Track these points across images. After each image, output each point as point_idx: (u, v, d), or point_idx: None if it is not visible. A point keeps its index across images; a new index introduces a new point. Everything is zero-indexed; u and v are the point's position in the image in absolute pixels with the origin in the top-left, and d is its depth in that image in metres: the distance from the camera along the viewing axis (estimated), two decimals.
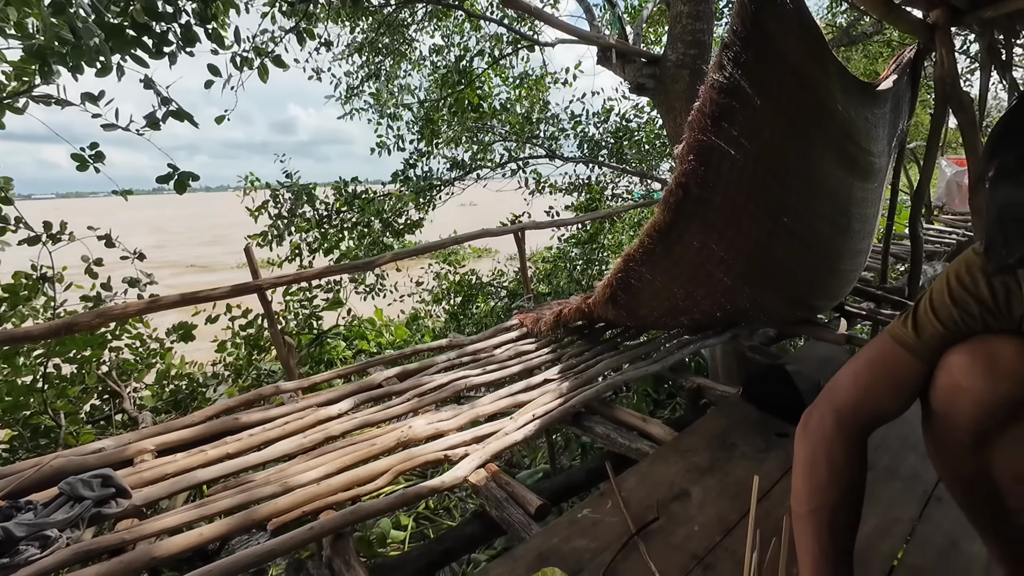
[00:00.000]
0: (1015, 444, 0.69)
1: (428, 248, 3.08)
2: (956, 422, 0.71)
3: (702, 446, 1.51)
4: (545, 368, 2.17)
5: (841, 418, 0.78)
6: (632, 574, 1.07)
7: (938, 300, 0.72)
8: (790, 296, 2.21)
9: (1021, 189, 0.46)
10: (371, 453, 1.53)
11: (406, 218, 5.96)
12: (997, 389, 0.66)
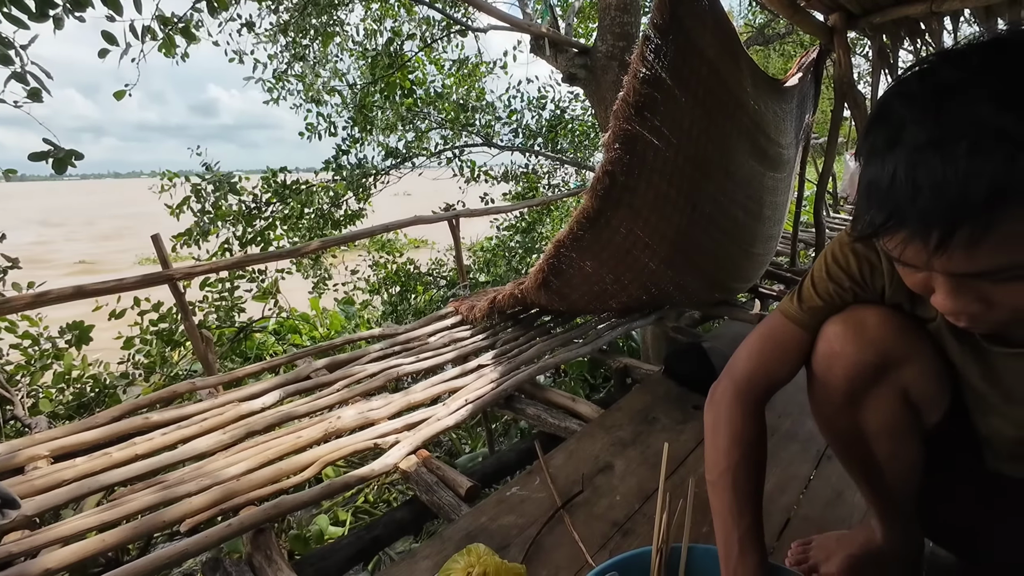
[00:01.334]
0: (879, 402, 0.77)
1: (358, 235, 2.99)
2: (832, 384, 0.78)
3: (626, 421, 1.58)
4: (479, 354, 2.18)
5: (739, 388, 0.84)
6: (556, 545, 1.11)
7: (817, 277, 0.79)
8: (709, 279, 2.35)
9: (886, 167, 0.50)
10: (296, 446, 1.48)
11: (346, 208, 5.75)
12: (864, 353, 0.74)
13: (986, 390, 0.72)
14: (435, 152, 5.76)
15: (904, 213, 0.48)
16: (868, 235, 0.52)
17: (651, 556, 0.83)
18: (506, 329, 2.46)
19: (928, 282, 0.55)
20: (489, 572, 0.85)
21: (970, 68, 0.47)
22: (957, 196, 0.45)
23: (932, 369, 0.74)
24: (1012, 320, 0.54)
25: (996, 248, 0.46)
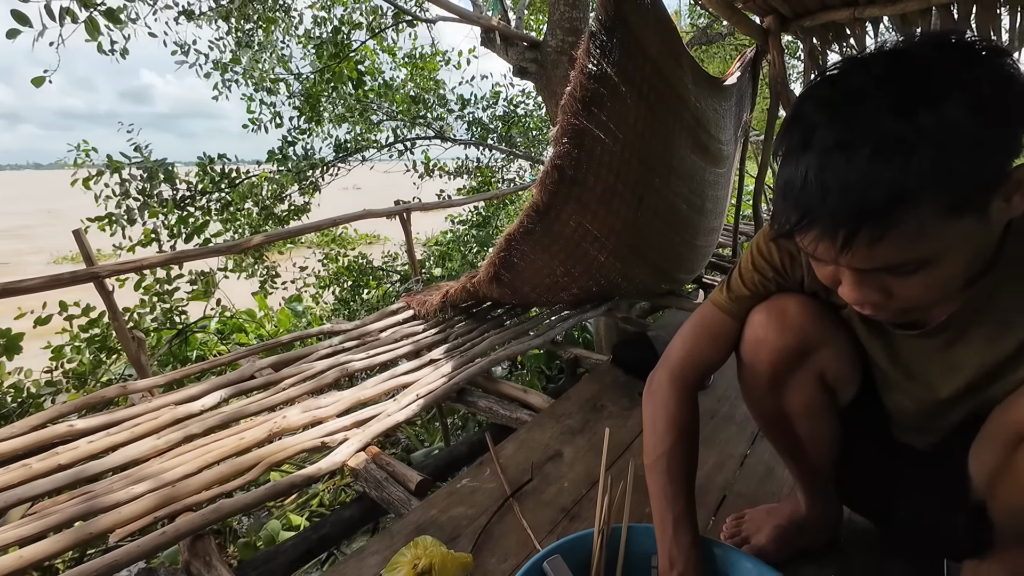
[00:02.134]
0: (800, 384, 0.83)
1: (305, 229, 2.89)
2: (759, 369, 0.84)
3: (575, 410, 1.62)
4: (432, 348, 2.16)
5: (673, 375, 0.88)
6: (506, 533, 1.13)
7: (744, 268, 0.85)
8: (656, 270, 2.43)
9: (799, 168, 0.53)
10: (239, 448, 1.43)
11: (289, 202, 5.53)
12: (786, 339, 0.79)
13: (890, 369, 0.78)
14: (386, 145, 5.63)
15: (815, 213, 0.52)
16: (785, 234, 0.56)
17: (593, 537, 0.86)
18: (459, 323, 2.45)
19: (836, 275, 0.60)
20: (435, 563, 0.85)
21: (873, 76, 0.51)
22: (860, 198, 0.49)
23: (845, 352, 0.80)
24: (909, 308, 0.60)
25: (894, 246, 0.51)
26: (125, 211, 4.30)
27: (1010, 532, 0.72)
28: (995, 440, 0.70)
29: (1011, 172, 0.51)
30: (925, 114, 0.47)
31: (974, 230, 0.52)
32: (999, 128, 0.49)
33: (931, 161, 0.47)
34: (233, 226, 5.02)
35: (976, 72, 0.49)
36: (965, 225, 0.51)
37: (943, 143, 0.47)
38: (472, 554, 1.05)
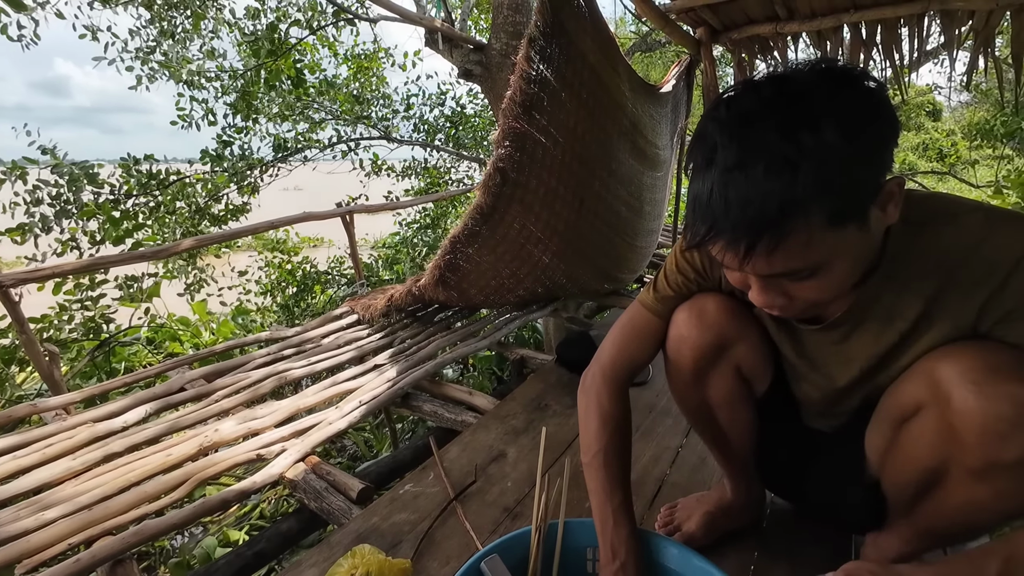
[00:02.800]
0: (719, 377, 0.89)
1: (240, 233, 2.75)
2: (681, 364, 0.89)
3: (520, 410, 1.64)
4: (377, 353, 2.13)
5: (605, 373, 0.92)
6: (448, 536, 1.13)
7: (669, 270, 0.90)
8: (598, 270, 2.50)
9: (705, 183, 0.58)
10: (165, 465, 1.35)
11: (227, 203, 5.24)
12: (706, 336, 0.85)
13: (797, 361, 0.85)
14: (329, 145, 5.46)
15: (720, 225, 0.56)
16: (696, 244, 0.60)
17: (530, 535, 0.88)
18: (405, 327, 2.42)
19: (745, 280, 0.66)
20: (372, 571, 0.84)
21: (761, 99, 0.56)
22: (757, 211, 0.54)
23: (759, 347, 0.86)
24: (808, 307, 0.67)
25: (789, 254, 0.56)
26: (40, 219, 3.94)
27: (900, 505, 0.80)
28: (884, 422, 0.78)
29: (884, 183, 0.57)
30: (806, 135, 0.53)
31: (856, 238, 0.58)
32: (869, 145, 0.54)
33: (813, 176, 0.52)
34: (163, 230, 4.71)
35: (848, 96, 0.54)
36: (847, 233, 0.57)
37: (822, 161, 0.52)
38: (413, 560, 1.05)
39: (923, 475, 0.72)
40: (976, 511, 0.69)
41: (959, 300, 0.65)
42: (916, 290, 0.68)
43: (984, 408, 0.60)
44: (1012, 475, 0.62)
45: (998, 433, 0.60)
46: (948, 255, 0.64)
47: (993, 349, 0.63)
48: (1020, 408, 0.59)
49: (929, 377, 0.67)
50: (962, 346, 0.66)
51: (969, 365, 0.63)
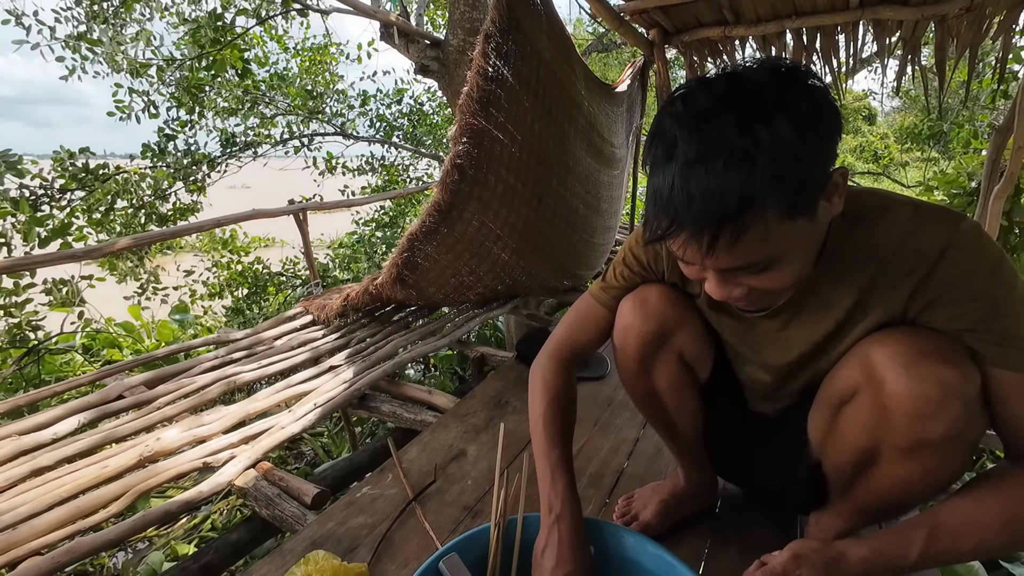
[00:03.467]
0: (663, 364, 0.92)
1: (184, 231, 2.60)
2: (628, 352, 0.91)
3: (479, 408, 1.63)
4: (332, 355, 2.07)
5: (550, 352, 0.97)
6: (408, 538, 1.11)
7: (617, 263, 0.95)
8: (557, 267, 2.52)
9: (666, 177, 0.59)
10: (101, 478, 1.26)
11: (175, 203, 4.96)
12: (648, 324, 0.88)
13: (740, 347, 0.88)
14: (281, 141, 5.25)
15: (683, 219, 0.57)
16: (657, 238, 0.61)
17: (489, 532, 0.87)
18: (362, 327, 2.37)
19: (702, 274, 0.67)
20: None
21: (716, 96, 0.58)
22: (719, 204, 0.55)
23: (699, 333, 0.90)
24: (764, 298, 0.70)
25: (748, 246, 0.58)
26: None
27: (839, 485, 0.85)
28: (824, 406, 0.82)
29: (829, 175, 0.60)
30: (761, 130, 0.54)
31: (808, 229, 0.61)
32: (817, 139, 0.57)
33: (770, 170, 0.54)
34: (106, 228, 4.41)
35: (797, 92, 0.57)
36: (800, 225, 0.59)
37: (777, 154, 0.54)
38: (371, 563, 1.02)
39: (859, 455, 0.76)
40: (906, 488, 0.73)
41: (890, 290, 0.69)
42: (851, 281, 0.71)
43: (913, 389, 0.64)
44: (937, 452, 0.67)
45: (926, 413, 0.64)
46: (880, 247, 0.68)
47: (921, 334, 0.67)
48: (944, 389, 0.63)
49: (863, 362, 0.71)
50: (893, 332, 0.70)
51: (899, 349, 0.67)
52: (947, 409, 0.63)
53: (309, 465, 3.41)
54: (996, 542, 0.64)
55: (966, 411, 0.63)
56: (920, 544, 0.65)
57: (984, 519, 0.64)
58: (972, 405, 0.64)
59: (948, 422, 0.63)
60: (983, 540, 0.64)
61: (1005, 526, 0.63)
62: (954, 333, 0.66)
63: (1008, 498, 0.64)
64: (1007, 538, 0.63)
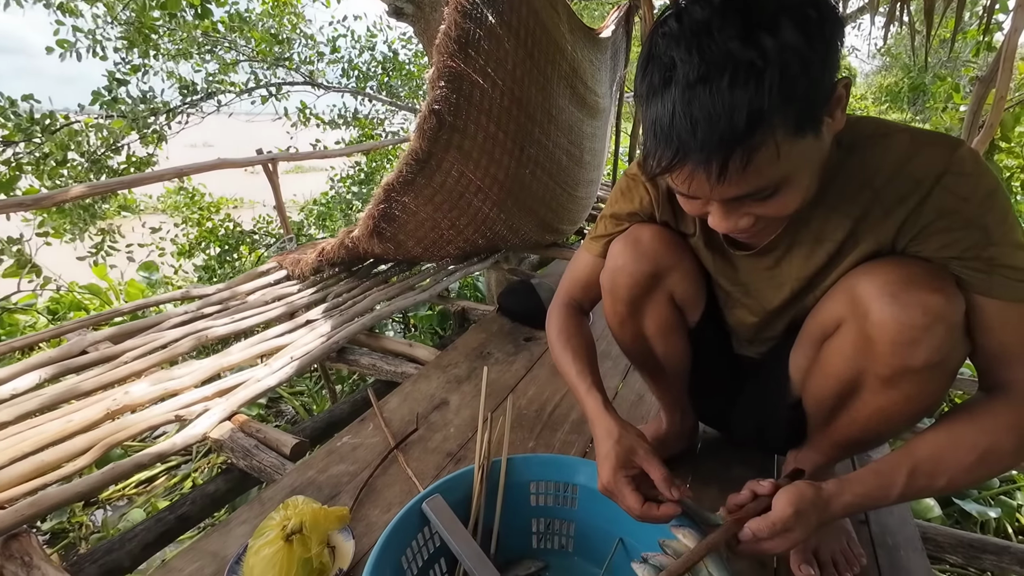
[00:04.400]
0: (654, 307, 0.90)
1: (141, 180, 2.43)
2: (618, 294, 0.89)
3: (461, 359, 1.62)
4: (308, 309, 2.01)
5: (560, 302, 0.99)
6: (390, 484, 1.10)
7: (608, 210, 0.92)
8: (539, 221, 2.47)
9: (665, 104, 0.54)
10: (66, 432, 1.21)
11: (129, 155, 4.67)
12: (640, 264, 0.85)
13: (731, 288, 0.87)
14: (246, 90, 4.94)
15: (688, 148, 0.53)
16: (659, 173, 0.57)
17: (473, 474, 0.87)
18: (338, 282, 2.30)
19: (704, 208, 0.64)
20: (306, 521, 0.80)
21: (713, 7, 0.52)
22: (727, 125, 0.51)
23: (692, 274, 0.88)
24: (769, 226, 0.68)
25: (759, 171, 0.54)
26: None
27: (818, 420, 0.86)
28: (807, 343, 0.82)
29: (834, 86, 0.56)
30: (766, 39, 0.50)
31: (814, 148, 0.58)
32: (824, 45, 0.53)
33: (779, 82, 0.50)
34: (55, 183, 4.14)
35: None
36: (807, 143, 0.56)
37: (785, 64, 0.50)
38: (353, 509, 1.01)
39: (841, 387, 0.76)
40: (885, 418, 0.74)
41: (882, 219, 0.67)
42: (844, 211, 0.69)
43: (898, 316, 0.63)
44: (919, 380, 0.67)
45: (910, 339, 0.63)
46: (876, 175, 0.66)
47: (908, 263, 0.66)
48: (930, 315, 0.62)
49: (849, 294, 0.70)
50: (880, 262, 0.69)
51: (886, 279, 0.66)
52: (931, 335, 0.62)
53: (290, 423, 3.40)
54: (968, 477, 0.65)
55: (950, 337, 0.63)
56: (901, 485, 0.65)
57: (959, 455, 0.64)
58: (956, 332, 0.64)
59: (932, 349, 0.63)
60: (956, 475, 0.64)
61: (979, 461, 0.63)
62: (942, 261, 0.65)
63: (981, 432, 0.64)
64: (980, 472, 0.64)
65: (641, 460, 0.72)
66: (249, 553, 0.82)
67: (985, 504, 1.97)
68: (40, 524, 2.16)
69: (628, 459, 0.72)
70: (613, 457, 0.73)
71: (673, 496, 0.68)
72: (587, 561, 0.88)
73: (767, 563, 0.89)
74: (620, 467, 0.72)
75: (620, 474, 0.72)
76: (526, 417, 1.33)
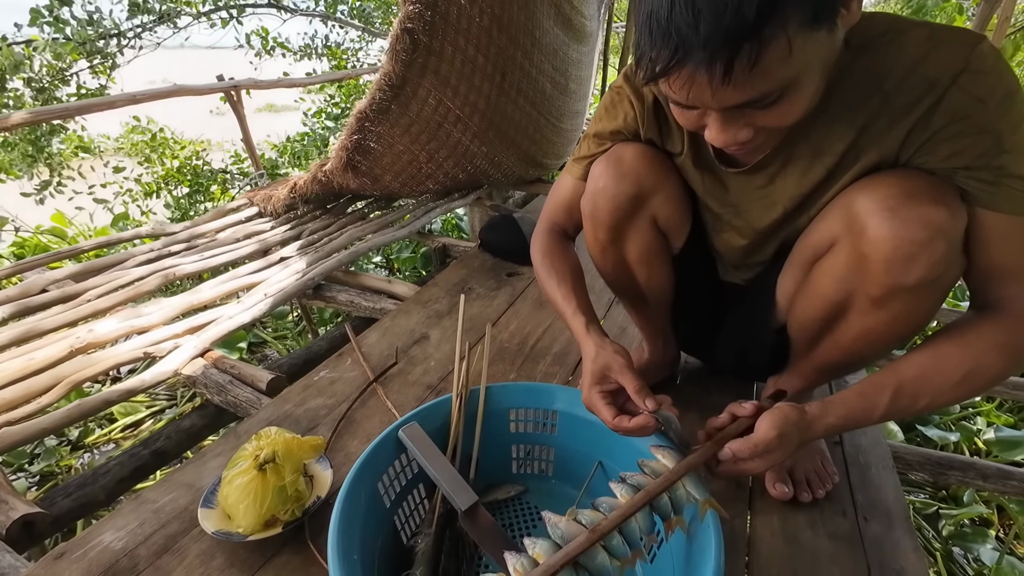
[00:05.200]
0: (637, 232, 0.86)
1: (90, 107, 2.23)
2: (599, 219, 0.84)
3: (442, 295, 1.58)
4: (282, 246, 1.93)
5: (544, 227, 0.95)
6: (369, 416, 1.09)
7: (591, 129, 0.87)
8: (522, 154, 2.37)
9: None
10: (27, 370, 1.16)
11: (78, 86, 4.32)
12: (622, 185, 0.80)
13: (720, 210, 0.82)
14: (204, 13, 4.53)
15: (689, 44, 0.47)
16: (655, 77, 0.51)
17: (451, 402, 0.85)
18: (313, 219, 2.21)
19: (701, 120, 0.58)
20: (278, 450, 0.78)
21: None
22: (734, 18, 0.44)
23: (676, 196, 0.83)
24: (770, 138, 0.63)
25: (767, 71, 0.48)
26: None
27: (802, 344, 0.84)
28: (796, 265, 0.79)
29: None
30: None
31: (826, 46, 0.52)
32: None
33: None
34: None
35: None
36: (820, 39, 0.50)
37: None
38: (331, 441, 1.00)
39: (828, 311, 0.74)
40: (870, 341, 0.73)
41: (888, 128, 0.62)
42: (848, 121, 0.64)
43: (897, 232, 0.60)
44: (910, 299, 0.65)
45: (907, 256, 0.60)
46: (887, 77, 0.60)
47: (911, 175, 0.62)
48: (930, 229, 0.59)
49: (845, 211, 0.66)
50: (880, 176, 0.64)
51: (886, 193, 0.62)
52: (930, 251, 0.59)
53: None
54: (951, 396, 0.64)
55: (949, 253, 0.60)
56: (883, 406, 0.65)
57: (944, 374, 0.63)
58: (955, 247, 0.61)
59: (928, 265, 0.60)
60: (939, 395, 0.64)
61: (963, 380, 0.62)
62: (947, 173, 0.61)
63: (967, 351, 0.63)
64: (962, 391, 0.64)
65: (617, 374, 0.70)
66: (223, 483, 0.80)
67: (946, 429, 2.06)
68: (28, 467, 2.16)
69: (604, 375, 0.71)
70: (589, 374, 0.72)
71: (648, 407, 0.66)
72: (566, 484, 0.89)
73: (743, 483, 0.90)
74: (595, 383, 0.71)
75: (595, 389, 0.71)
76: (508, 350, 1.32)
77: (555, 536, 0.56)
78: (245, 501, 0.76)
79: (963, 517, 1.68)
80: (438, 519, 0.76)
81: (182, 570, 0.75)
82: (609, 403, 0.70)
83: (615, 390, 0.72)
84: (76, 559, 0.77)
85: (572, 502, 0.84)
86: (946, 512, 1.71)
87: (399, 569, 0.73)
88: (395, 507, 0.76)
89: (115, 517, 0.84)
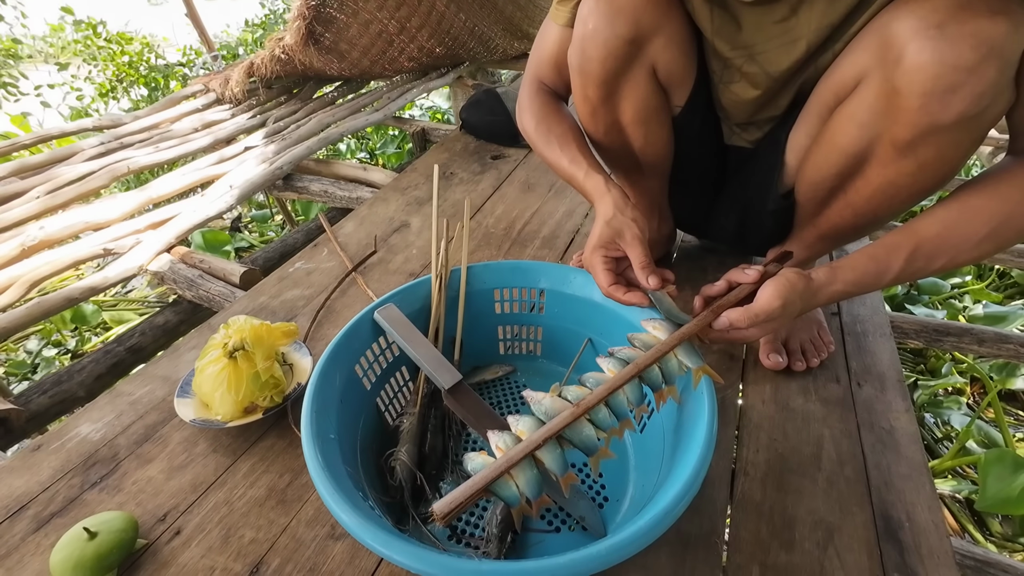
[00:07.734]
0: (632, 87, 0.74)
1: None
2: (589, 71, 0.72)
3: (422, 181, 1.47)
4: (246, 135, 1.77)
5: (528, 89, 0.85)
6: (349, 305, 1.04)
7: None
8: (505, 22, 2.11)
9: None
10: None
11: None
12: (615, 26, 0.67)
13: (731, 54, 0.70)
14: None
15: None
16: None
17: (430, 283, 0.79)
18: (278, 106, 2.01)
19: None
20: (248, 337, 0.73)
21: None
22: None
23: (679, 40, 0.70)
24: None
25: None
26: None
27: (810, 208, 0.77)
28: (814, 114, 0.69)
29: None
30: None
31: None
32: None
33: None
34: None
35: None
36: None
37: None
38: (310, 331, 0.96)
39: (845, 164, 0.66)
40: (888, 197, 0.65)
41: None
42: None
43: (942, 55, 0.50)
44: (941, 142, 0.56)
45: (948, 86, 0.50)
46: None
47: None
48: (981, 49, 0.48)
49: (880, 36, 0.55)
50: None
51: (934, 6, 0.50)
52: (977, 77, 0.49)
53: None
54: (971, 255, 0.58)
55: (999, 80, 0.50)
56: (896, 269, 0.59)
57: (967, 231, 0.57)
58: (1006, 73, 0.50)
59: (973, 97, 0.50)
60: (959, 253, 0.58)
61: (988, 236, 0.56)
62: None
63: (997, 202, 0.56)
64: (986, 247, 0.57)
65: (626, 244, 0.64)
66: (196, 373, 0.77)
67: (932, 307, 2.08)
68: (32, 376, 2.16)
69: (612, 240, 0.65)
70: (597, 236, 0.66)
71: (648, 284, 0.61)
72: (555, 363, 0.86)
73: (736, 355, 0.88)
74: (600, 246, 0.66)
75: (599, 252, 0.66)
76: (494, 236, 1.24)
77: (538, 413, 0.53)
78: (220, 389, 0.73)
79: (939, 387, 1.74)
80: (422, 399, 0.73)
81: (164, 456, 0.74)
82: (609, 268, 0.65)
83: (619, 257, 0.66)
84: (54, 451, 0.75)
85: (561, 380, 0.82)
86: (924, 383, 1.77)
87: (386, 449, 0.71)
88: (376, 389, 0.73)
89: (90, 410, 0.81)
